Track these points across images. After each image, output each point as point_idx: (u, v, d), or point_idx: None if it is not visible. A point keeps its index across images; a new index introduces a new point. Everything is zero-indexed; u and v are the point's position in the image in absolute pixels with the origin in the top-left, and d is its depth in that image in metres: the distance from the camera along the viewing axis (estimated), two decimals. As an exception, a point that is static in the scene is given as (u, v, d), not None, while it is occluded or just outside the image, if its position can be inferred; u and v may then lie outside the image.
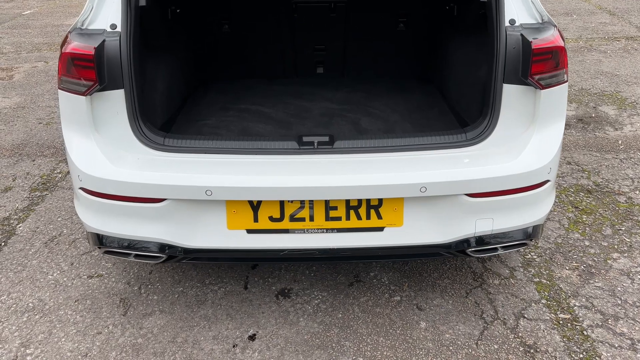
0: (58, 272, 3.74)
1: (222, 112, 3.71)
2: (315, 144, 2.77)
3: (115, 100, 2.73)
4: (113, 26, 2.74)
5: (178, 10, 3.82)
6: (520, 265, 3.67)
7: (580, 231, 4.03)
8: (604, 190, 4.56)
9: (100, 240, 2.85)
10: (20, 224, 4.22)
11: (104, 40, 2.67)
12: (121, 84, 2.71)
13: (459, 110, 3.55)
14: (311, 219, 2.76)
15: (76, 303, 3.41)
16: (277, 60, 4.24)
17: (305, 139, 2.78)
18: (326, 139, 2.83)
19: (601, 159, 5.06)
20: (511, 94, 2.76)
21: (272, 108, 3.76)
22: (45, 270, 3.74)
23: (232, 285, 3.51)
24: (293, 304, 3.36)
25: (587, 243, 3.91)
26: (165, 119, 3.44)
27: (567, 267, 3.67)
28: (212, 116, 3.62)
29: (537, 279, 3.57)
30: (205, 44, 4.10)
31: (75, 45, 2.64)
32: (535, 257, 3.77)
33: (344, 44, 4.13)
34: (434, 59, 4.18)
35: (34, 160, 5.27)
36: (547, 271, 3.64)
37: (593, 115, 6.01)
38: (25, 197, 4.62)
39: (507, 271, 3.63)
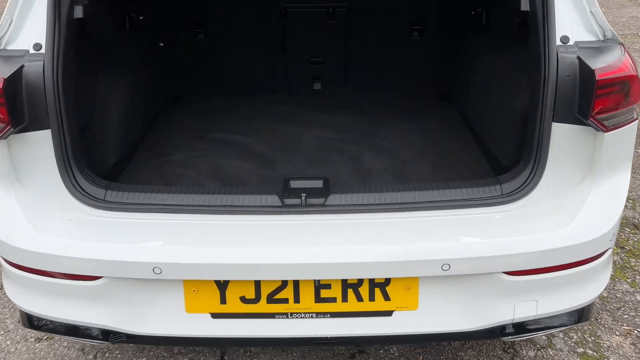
0: (2, 331, 3.12)
1: (192, 142, 3.06)
2: (303, 200, 2.12)
3: (41, 144, 2.14)
4: (37, 46, 2.14)
5: (141, 17, 3.15)
6: (559, 330, 3.00)
7: (629, 280, 3.37)
8: (656, 226, 3.86)
9: (30, 321, 2.31)
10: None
11: (21, 67, 2.03)
12: (46, 122, 2.11)
13: (488, 144, 2.87)
14: (296, 300, 2.13)
15: (17, 376, 2.81)
16: (265, 75, 3.57)
17: (292, 184, 2.22)
18: (319, 184, 2.26)
19: (649, 184, 4.36)
20: (563, 136, 2.13)
21: (254, 137, 3.10)
22: (-16, 331, 3.13)
23: (207, 357, 2.87)
24: (280, 386, 2.71)
25: (639, 297, 3.22)
26: (120, 154, 2.80)
27: (617, 332, 3.02)
28: (179, 149, 2.98)
29: (582, 349, 2.93)
30: (176, 56, 3.42)
31: None
32: (578, 320, 3.10)
33: (344, 56, 3.46)
34: (455, 76, 3.49)
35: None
36: (592, 337, 3.00)
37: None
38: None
39: (544, 338, 2.99)
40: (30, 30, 2.15)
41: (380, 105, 3.53)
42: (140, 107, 3.11)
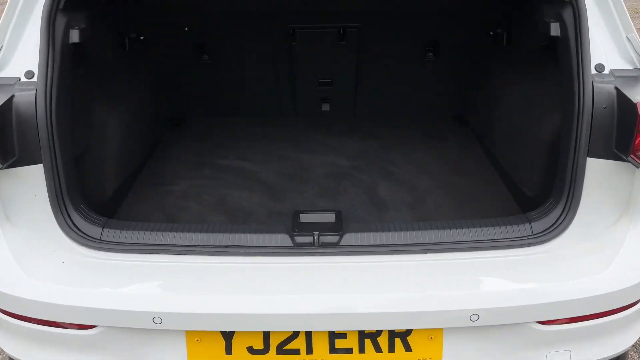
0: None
1: (195, 170, 2.88)
2: (315, 238, 1.95)
3: (32, 180, 1.98)
4: (29, 74, 1.98)
5: (142, 38, 3.00)
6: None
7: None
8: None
9: None
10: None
11: (12, 96, 1.88)
12: (38, 156, 1.96)
13: (510, 173, 2.70)
14: (309, 350, 1.96)
15: None
16: (271, 96, 3.39)
17: (302, 217, 2.08)
18: (331, 217, 2.12)
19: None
20: (598, 172, 1.97)
21: (261, 164, 2.92)
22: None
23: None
24: None
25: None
26: (118, 184, 2.63)
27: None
28: (182, 177, 2.80)
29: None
30: (179, 77, 3.25)
31: None
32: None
33: (355, 77, 3.28)
34: (472, 98, 3.31)
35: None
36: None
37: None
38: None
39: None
40: (22, 57, 1.99)
41: (392, 127, 3.35)
42: (140, 132, 2.93)
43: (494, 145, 2.93)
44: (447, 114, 3.48)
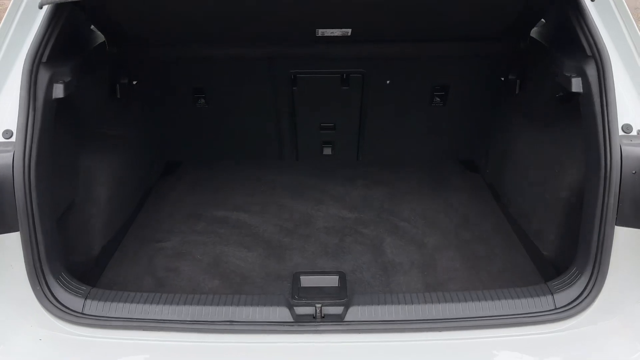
0: None
1: (189, 223, 2.70)
2: (318, 311, 1.79)
3: (8, 249, 1.82)
4: (7, 134, 1.85)
5: (134, 82, 2.85)
6: None
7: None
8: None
9: None
10: None
11: None
12: (15, 224, 1.79)
13: (526, 230, 2.53)
14: None
15: None
16: (271, 140, 3.22)
17: (303, 281, 1.98)
18: (335, 281, 2.01)
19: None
20: (628, 241, 1.80)
21: (260, 216, 2.75)
22: None
23: None
24: None
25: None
26: (106, 240, 2.47)
27: None
28: (174, 232, 2.62)
29: None
30: (174, 121, 3.08)
31: None
32: None
33: (359, 121, 3.11)
34: (482, 145, 3.15)
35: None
36: None
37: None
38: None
39: None
40: (0, 114, 1.84)
41: (397, 174, 3.18)
42: (132, 182, 2.76)
43: (506, 197, 2.76)
44: (454, 160, 3.31)
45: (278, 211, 2.79)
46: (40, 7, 1.87)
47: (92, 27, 2.48)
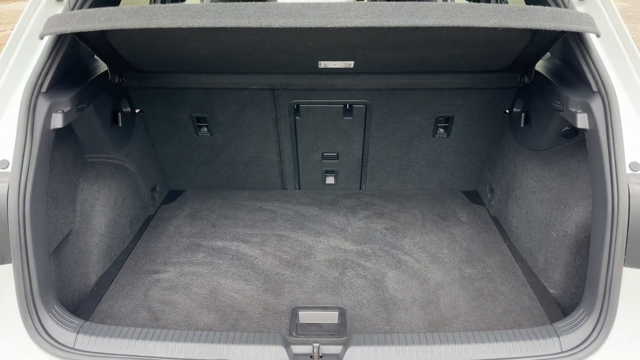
0: None
1: (187, 253, 2.66)
2: (315, 351, 1.75)
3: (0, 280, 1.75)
4: (3, 164, 1.82)
5: (137, 111, 2.84)
6: None
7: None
8: None
9: None
10: None
11: None
12: (7, 256, 1.78)
13: (532, 267, 2.47)
14: None
15: None
16: (272, 170, 3.20)
17: (301, 316, 1.96)
18: (334, 317, 1.99)
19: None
20: (637, 283, 1.74)
21: (259, 248, 2.70)
22: None
23: None
24: None
25: None
26: (102, 270, 2.43)
27: None
28: (172, 263, 2.57)
29: None
30: (175, 149, 3.07)
31: None
32: None
33: (362, 151, 3.09)
34: (487, 177, 3.11)
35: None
36: None
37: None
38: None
39: None
40: (-3, 142, 1.83)
41: (400, 204, 3.13)
42: (131, 211, 2.73)
43: (511, 232, 2.70)
44: (457, 191, 3.27)
45: (278, 243, 2.74)
46: (41, 38, 1.87)
47: (95, 56, 2.48)
